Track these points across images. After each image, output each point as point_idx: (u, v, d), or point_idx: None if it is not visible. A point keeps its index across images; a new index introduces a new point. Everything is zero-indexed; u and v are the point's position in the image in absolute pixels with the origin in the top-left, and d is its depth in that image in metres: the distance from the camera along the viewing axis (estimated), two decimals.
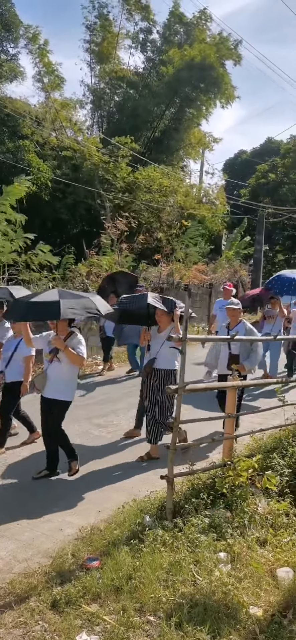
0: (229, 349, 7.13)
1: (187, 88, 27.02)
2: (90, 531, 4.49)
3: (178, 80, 26.30)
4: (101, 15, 27.97)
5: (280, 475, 5.16)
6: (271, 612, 3.33)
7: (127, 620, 3.24)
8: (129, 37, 29.55)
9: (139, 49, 30.07)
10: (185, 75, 26.07)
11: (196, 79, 26.46)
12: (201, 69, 25.96)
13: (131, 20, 29.25)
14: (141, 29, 29.54)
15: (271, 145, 43.68)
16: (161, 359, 6.62)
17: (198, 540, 4.04)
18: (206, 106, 28.88)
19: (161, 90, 26.99)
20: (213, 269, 23.58)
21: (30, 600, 3.53)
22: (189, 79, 26.30)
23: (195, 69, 25.95)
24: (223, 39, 28.18)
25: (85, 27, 28.13)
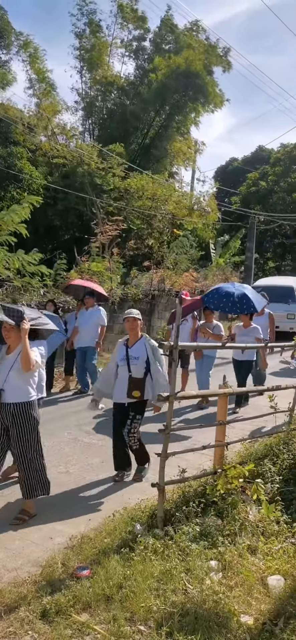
0: (129, 370, 6.03)
1: (175, 95, 27.15)
2: (80, 540, 4.45)
3: (165, 87, 26.41)
4: (90, 22, 27.99)
5: (271, 482, 5.17)
6: (262, 620, 3.33)
7: (118, 629, 3.22)
8: (123, 46, 29.66)
9: (132, 57, 30.20)
10: (172, 83, 26.20)
11: (182, 87, 26.60)
12: (186, 76, 26.10)
13: (124, 29, 29.35)
14: (134, 37, 29.66)
15: (262, 153, 43.98)
16: (9, 389, 5.08)
17: (189, 549, 4.02)
18: (195, 113, 29.02)
19: (150, 97, 27.11)
20: (204, 276, 23.65)
21: (20, 609, 3.49)
22: (176, 87, 26.44)
23: (181, 77, 26.10)
24: (211, 46, 28.32)
25: (74, 34, 28.17)
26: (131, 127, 27.21)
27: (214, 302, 9.37)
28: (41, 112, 24.39)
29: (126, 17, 28.59)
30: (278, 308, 17.82)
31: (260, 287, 19.66)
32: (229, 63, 28.78)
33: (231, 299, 9.10)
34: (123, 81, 29.02)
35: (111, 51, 29.22)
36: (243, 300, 9.13)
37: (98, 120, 29.61)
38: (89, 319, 10.62)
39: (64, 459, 6.87)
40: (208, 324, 9.87)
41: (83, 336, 10.59)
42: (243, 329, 9.42)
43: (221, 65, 28.64)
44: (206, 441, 5.48)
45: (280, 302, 18.08)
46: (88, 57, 27.97)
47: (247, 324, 9.39)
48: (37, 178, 21.02)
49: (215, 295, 9.45)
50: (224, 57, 28.56)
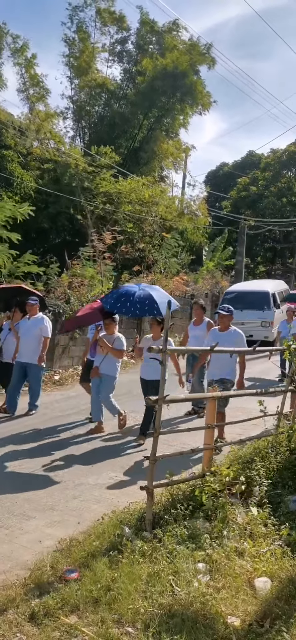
0: None
1: (162, 97, 27.26)
2: (69, 543, 4.46)
3: (152, 89, 26.56)
4: (79, 30, 28.09)
5: (259, 485, 5.21)
6: (249, 621, 3.36)
7: (106, 631, 3.24)
8: (106, 50, 29.74)
9: (116, 60, 30.28)
10: (159, 85, 26.35)
11: (170, 88, 26.72)
12: (173, 77, 26.22)
13: (105, 33, 29.44)
14: (116, 40, 29.77)
15: (253, 158, 44.24)
16: None
17: (177, 551, 4.05)
18: (183, 115, 29.13)
19: (138, 100, 27.20)
20: (195, 280, 23.73)
21: (8, 612, 3.50)
22: (163, 88, 26.56)
23: (168, 78, 26.23)
24: (193, 44, 28.42)
25: (64, 42, 28.32)
26: (120, 130, 27.34)
27: (111, 302, 8.11)
28: (34, 117, 24.43)
29: (106, 21, 28.67)
30: (252, 315, 17.18)
31: (233, 293, 19.20)
32: (213, 59, 28.91)
33: (130, 299, 7.85)
34: (110, 84, 29.12)
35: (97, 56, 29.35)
36: (145, 302, 7.78)
37: (88, 125, 29.70)
38: (30, 330, 9.28)
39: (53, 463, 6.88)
40: (108, 336, 8.39)
41: (23, 350, 9.26)
42: (152, 341, 7.91)
43: (205, 63, 28.71)
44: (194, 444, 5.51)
45: (253, 309, 17.38)
46: (77, 64, 28.09)
47: (157, 335, 7.95)
48: (28, 181, 21.03)
49: (113, 295, 8.28)
50: (207, 54, 28.61)
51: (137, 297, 7.81)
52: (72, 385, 12.12)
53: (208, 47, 28.64)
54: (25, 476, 6.38)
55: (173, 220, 24.69)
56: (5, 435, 7.97)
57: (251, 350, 6.96)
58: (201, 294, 23.10)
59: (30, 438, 7.92)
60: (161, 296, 7.94)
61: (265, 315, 17.45)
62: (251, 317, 17.11)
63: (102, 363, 8.21)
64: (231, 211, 34.42)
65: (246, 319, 17.13)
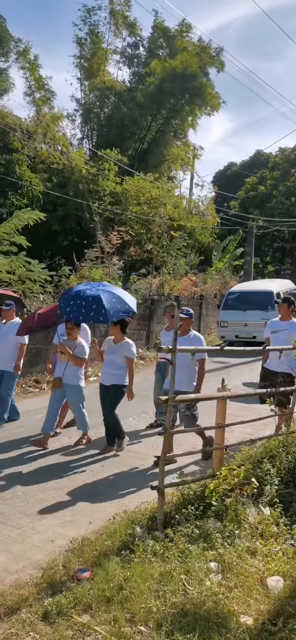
0: None
1: (171, 99, 27.28)
2: (81, 542, 4.48)
3: (161, 91, 26.60)
4: (91, 32, 28.16)
5: (270, 484, 5.20)
6: (262, 620, 3.36)
7: (119, 630, 3.25)
8: (118, 53, 29.85)
9: (127, 63, 30.39)
10: (168, 86, 26.37)
11: (179, 90, 26.73)
12: (183, 79, 26.25)
13: (118, 36, 29.55)
14: (128, 44, 29.88)
15: (261, 157, 44.17)
16: None
17: (189, 551, 4.05)
18: (192, 116, 29.12)
19: (146, 102, 27.23)
20: (203, 280, 23.71)
21: (22, 611, 3.52)
22: (172, 90, 26.58)
23: (177, 80, 26.27)
24: (204, 47, 28.43)
25: (75, 43, 28.35)
26: (128, 132, 27.37)
27: (62, 305, 7.37)
28: (40, 120, 24.53)
29: (119, 24, 28.75)
30: (255, 316, 16.63)
31: (236, 293, 18.98)
32: (222, 63, 29.02)
33: (77, 302, 7.06)
34: (120, 87, 29.18)
35: (107, 58, 29.43)
36: (92, 306, 6.97)
37: (96, 127, 29.77)
38: (6, 335, 8.62)
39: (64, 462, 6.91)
40: (70, 342, 7.68)
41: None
42: (112, 344, 7.44)
43: (215, 66, 28.78)
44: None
45: (257, 310, 16.81)
46: (87, 65, 28.16)
47: (118, 338, 7.39)
48: (36, 185, 21.12)
49: (65, 297, 7.47)
50: (217, 57, 28.64)
51: (84, 300, 7.04)
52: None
53: (218, 51, 28.71)
54: (36, 477, 6.41)
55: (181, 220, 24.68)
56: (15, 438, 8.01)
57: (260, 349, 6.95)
58: (210, 295, 23.08)
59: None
60: (115, 300, 7.14)
61: (268, 316, 16.12)
62: (254, 318, 16.66)
63: (65, 372, 7.51)
64: (239, 211, 34.36)
65: (249, 320, 16.89)
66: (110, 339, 7.53)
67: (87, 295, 7.08)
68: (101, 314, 6.92)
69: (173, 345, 4.67)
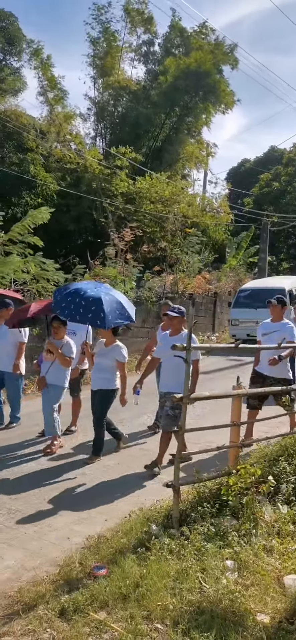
0: None
1: (185, 96, 27.18)
2: (97, 540, 4.50)
3: (175, 89, 26.51)
4: (105, 31, 28.15)
5: (286, 482, 5.17)
6: (279, 619, 3.35)
7: (135, 627, 3.26)
8: (132, 50, 29.79)
9: (142, 61, 30.33)
10: (182, 84, 26.27)
11: (192, 87, 26.62)
12: (197, 76, 26.14)
13: (133, 34, 29.50)
14: (143, 41, 29.82)
15: (275, 153, 43.84)
16: None
17: (205, 548, 4.05)
18: (206, 114, 29.00)
19: (160, 100, 27.18)
20: (217, 278, 23.64)
21: (39, 608, 3.55)
22: (186, 87, 26.49)
23: (191, 77, 26.15)
24: (218, 44, 28.30)
25: (88, 42, 28.36)
26: (142, 130, 27.34)
27: (57, 300, 6.94)
28: (53, 119, 24.62)
29: (134, 21, 28.71)
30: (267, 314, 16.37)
31: (248, 290, 18.59)
32: (236, 60, 28.78)
33: (76, 300, 6.65)
34: (134, 85, 29.17)
35: (121, 56, 29.41)
36: (91, 308, 6.54)
37: (110, 125, 29.80)
38: (5, 335, 8.35)
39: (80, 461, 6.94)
40: (57, 341, 7.35)
41: None
42: (103, 347, 7.04)
43: (229, 63, 28.60)
44: (220, 442, 5.49)
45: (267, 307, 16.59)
46: (101, 64, 28.15)
47: (110, 341, 6.98)
48: (51, 184, 21.22)
49: (62, 293, 7.00)
50: (231, 54, 28.50)
51: (83, 300, 6.60)
52: None
53: (232, 47, 28.54)
54: (52, 474, 6.45)
55: (195, 217, 24.63)
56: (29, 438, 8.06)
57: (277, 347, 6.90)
58: (224, 292, 23.01)
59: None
60: (116, 305, 6.75)
61: None
62: (265, 316, 16.23)
63: (49, 371, 7.24)
64: (253, 208, 34.15)
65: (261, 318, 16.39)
66: (101, 341, 7.12)
67: (88, 295, 6.62)
68: (99, 318, 6.46)
69: (187, 343, 4.66)
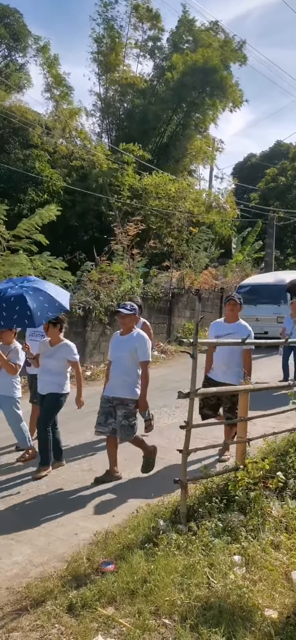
0: None
1: (192, 92, 27.07)
2: (104, 535, 4.51)
3: (182, 85, 26.43)
4: (109, 27, 28.08)
5: (294, 477, 5.16)
6: (287, 614, 3.33)
7: (143, 623, 3.26)
8: (138, 47, 29.70)
9: (148, 56, 30.24)
10: (189, 80, 26.18)
11: (199, 83, 26.52)
12: (204, 72, 26.04)
13: (139, 29, 29.42)
14: (149, 37, 29.69)
15: (281, 148, 43.65)
16: None
17: (212, 544, 4.05)
18: (213, 110, 28.90)
19: (167, 96, 27.10)
20: (224, 273, 23.59)
21: (47, 604, 3.56)
22: (193, 84, 26.39)
23: (198, 73, 26.04)
24: (227, 41, 28.17)
25: (93, 39, 28.30)
26: (149, 126, 27.26)
27: None
28: (58, 115, 24.61)
29: (141, 17, 28.60)
30: (267, 310, 15.81)
31: (248, 286, 18.01)
32: (244, 57, 28.67)
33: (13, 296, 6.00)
34: (140, 81, 29.10)
35: (127, 52, 29.35)
36: (16, 307, 5.93)
37: (115, 121, 29.75)
38: None
39: (88, 456, 6.95)
40: (4, 346, 6.66)
41: None
42: (49, 347, 6.48)
43: (237, 60, 28.49)
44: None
45: (269, 304, 15.92)
46: (106, 60, 28.09)
47: (56, 340, 6.43)
48: (57, 180, 21.22)
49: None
50: (239, 51, 28.38)
51: (4, 302, 5.97)
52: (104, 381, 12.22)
53: (240, 45, 28.42)
54: (58, 470, 6.46)
55: (201, 213, 24.57)
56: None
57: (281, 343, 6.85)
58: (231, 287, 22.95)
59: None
60: (42, 298, 6.09)
61: (281, 310, 15.28)
62: (266, 313, 15.77)
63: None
64: (259, 203, 34.05)
65: (261, 315, 15.88)
66: (46, 341, 6.54)
67: (8, 294, 6.01)
68: (26, 317, 5.86)
69: (194, 338, 4.65)
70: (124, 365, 5.96)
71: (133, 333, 6.12)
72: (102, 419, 6.02)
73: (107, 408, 6.00)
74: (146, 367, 6.01)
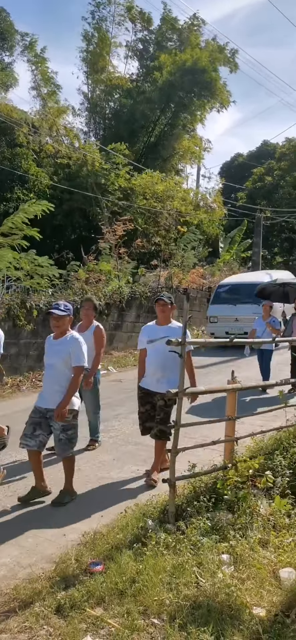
0: None
1: (180, 93, 27.09)
2: (93, 536, 4.50)
3: (170, 85, 26.43)
4: (99, 26, 28.02)
5: (281, 476, 5.19)
6: (274, 612, 3.36)
7: (132, 623, 3.26)
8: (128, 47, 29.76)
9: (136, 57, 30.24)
10: (177, 80, 26.18)
11: (188, 83, 26.54)
12: (192, 72, 26.06)
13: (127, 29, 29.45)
14: (139, 38, 29.74)
15: (267, 148, 43.94)
16: None
17: (201, 543, 4.06)
18: (201, 111, 28.96)
19: (154, 96, 27.08)
20: (211, 272, 23.67)
21: (35, 605, 3.54)
22: (181, 84, 26.40)
23: (187, 73, 26.06)
24: (219, 47, 28.24)
25: (83, 37, 28.19)
26: (136, 126, 27.23)
27: None
28: (46, 114, 24.49)
29: (134, 18, 28.61)
30: (246, 310, 15.53)
31: (227, 285, 17.90)
32: (236, 65, 28.83)
33: None
34: (127, 81, 29.06)
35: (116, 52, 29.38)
36: None
37: (103, 121, 29.68)
38: None
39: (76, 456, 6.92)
40: None
41: None
42: None
43: (228, 66, 28.65)
44: (215, 437, 5.49)
45: (248, 303, 15.47)
46: (94, 59, 28.02)
47: None
48: (43, 179, 21.12)
49: None
50: (231, 58, 28.54)
51: None
52: None
53: (233, 53, 28.59)
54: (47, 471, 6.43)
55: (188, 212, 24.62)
56: None
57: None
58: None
59: None
60: None
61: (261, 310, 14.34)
62: (245, 313, 15.48)
63: None
64: (246, 202, 34.22)
65: (241, 315, 15.81)
66: None
67: None
68: None
69: (182, 337, 4.66)
70: (57, 372, 5.49)
71: (67, 336, 5.63)
72: (29, 430, 5.45)
73: (37, 419, 5.48)
74: (79, 374, 5.50)
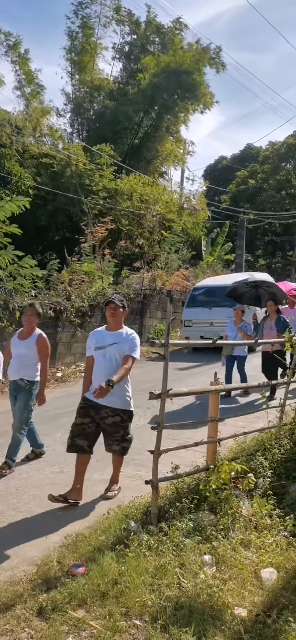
0: None
1: (164, 95, 27.13)
2: (75, 538, 4.48)
3: (154, 87, 26.43)
4: (84, 26, 27.91)
5: (263, 477, 5.23)
6: (256, 612, 3.38)
7: (114, 624, 3.25)
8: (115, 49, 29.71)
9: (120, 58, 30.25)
10: (161, 82, 26.20)
11: (172, 86, 26.58)
12: (176, 75, 26.10)
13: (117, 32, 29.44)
14: (126, 41, 29.76)
15: (251, 151, 44.31)
16: None
17: (183, 544, 4.07)
18: (184, 112, 29.02)
19: (138, 98, 27.09)
20: (195, 274, 23.76)
21: (16, 607, 3.51)
22: (165, 86, 26.42)
23: (171, 76, 26.07)
24: (205, 48, 28.32)
25: (67, 35, 28.03)
26: (120, 127, 27.20)
27: None
28: (30, 114, 24.34)
29: (122, 20, 28.61)
30: (222, 314, 14.82)
31: (202, 288, 17.35)
32: (223, 64, 28.84)
33: None
34: (111, 82, 29.03)
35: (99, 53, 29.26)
36: None
37: (86, 122, 29.60)
38: None
39: (58, 459, 6.89)
40: None
41: None
42: None
43: (215, 67, 28.67)
44: (198, 438, 5.51)
45: (224, 307, 14.87)
46: (78, 59, 27.92)
47: None
48: (26, 179, 20.98)
49: None
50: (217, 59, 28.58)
51: None
52: (75, 382, 12.17)
53: (217, 52, 28.55)
54: (29, 473, 6.40)
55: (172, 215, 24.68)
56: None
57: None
58: None
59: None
60: None
61: None
62: (220, 316, 14.81)
63: None
64: (230, 205, 34.43)
65: (216, 318, 15.26)
66: None
67: None
68: None
69: (166, 339, 4.67)
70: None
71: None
72: None
73: None
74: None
